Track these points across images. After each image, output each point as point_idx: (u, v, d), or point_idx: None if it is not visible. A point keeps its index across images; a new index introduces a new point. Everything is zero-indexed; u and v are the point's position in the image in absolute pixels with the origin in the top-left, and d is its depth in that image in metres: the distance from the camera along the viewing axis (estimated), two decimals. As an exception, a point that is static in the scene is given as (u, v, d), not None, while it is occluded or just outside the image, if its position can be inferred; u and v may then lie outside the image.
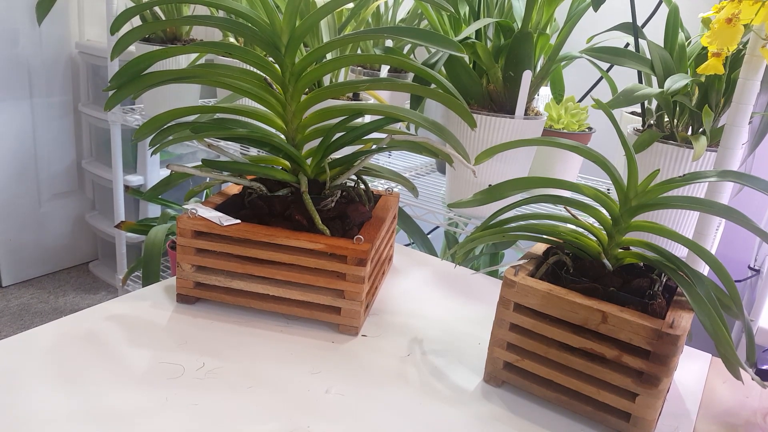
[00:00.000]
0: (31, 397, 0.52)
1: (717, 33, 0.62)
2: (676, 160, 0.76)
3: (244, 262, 0.65)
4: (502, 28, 0.90)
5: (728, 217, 0.54)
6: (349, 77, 1.00)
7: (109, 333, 0.62)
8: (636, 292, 0.56)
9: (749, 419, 0.60)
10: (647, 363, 0.51)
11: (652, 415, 0.53)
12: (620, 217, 0.57)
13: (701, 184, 0.74)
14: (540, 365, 0.56)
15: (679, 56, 0.79)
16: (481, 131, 0.88)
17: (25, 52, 1.90)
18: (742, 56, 0.64)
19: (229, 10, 0.60)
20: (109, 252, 2.16)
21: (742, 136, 0.63)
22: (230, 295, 0.67)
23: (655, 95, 0.75)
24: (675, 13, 0.80)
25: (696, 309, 0.52)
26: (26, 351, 0.58)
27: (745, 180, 0.55)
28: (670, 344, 0.50)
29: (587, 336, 0.54)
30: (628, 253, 0.59)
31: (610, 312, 0.52)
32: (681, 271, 0.55)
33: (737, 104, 0.62)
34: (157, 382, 0.55)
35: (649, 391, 0.52)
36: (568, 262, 0.60)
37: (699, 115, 0.76)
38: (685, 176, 0.56)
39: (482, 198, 0.61)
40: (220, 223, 0.64)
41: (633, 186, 0.56)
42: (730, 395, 0.63)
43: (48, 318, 1.91)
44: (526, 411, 0.57)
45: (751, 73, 0.61)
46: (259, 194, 0.68)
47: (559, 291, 0.54)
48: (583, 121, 1.02)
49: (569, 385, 0.55)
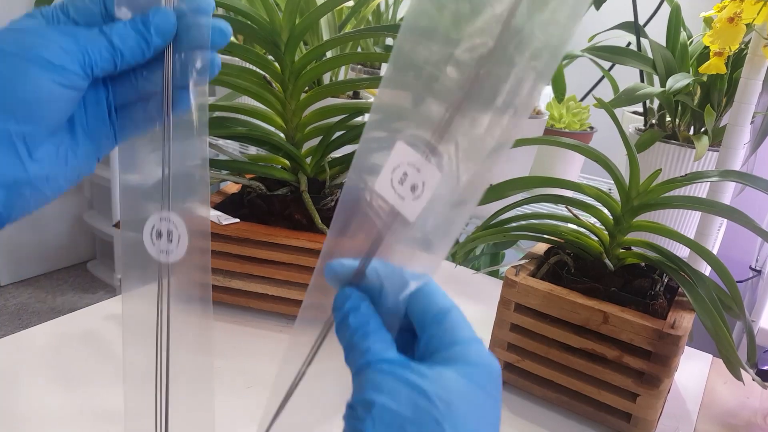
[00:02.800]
0: (29, 396, 0.52)
1: (719, 32, 0.62)
2: (678, 160, 0.76)
3: (243, 262, 0.64)
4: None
5: (730, 217, 0.54)
6: (349, 75, 1.00)
7: (107, 332, 0.61)
8: (637, 292, 0.55)
9: (750, 420, 0.60)
10: (648, 363, 0.51)
11: (653, 416, 0.52)
12: (622, 217, 0.56)
13: (703, 184, 0.74)
14: (541, 366, 0.56)
15: (681, 55, 0.79)
16: (482, 130, 0.87)
17: (23, 50, 1.89)
18: (744, 55, 0.64)
19: (228, 8, 0.59)
20: (107, 251, 2.16)
21: (744, 135, 0.62)
22: (229, 294, 0.66)
23: (656, 94, 0.75)
24: (677, 12, 0.80)
25: (697, 309, 0.52)
26: (24, 350, 0.57)
27: (747, 180, 0.54)
28: (671, 345, 0.50)
29: (588, 336, 0.53)
30: (629, 253, 0.59)
31: (612, 312, 0.52)
32: (682, 271, 0.55)
33: (739, 104, 0.61)
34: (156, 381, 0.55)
35: (650, 391, 0.51)
36: (570, 262, 0.59)
37: (701, 115, 0.76)
38: (687, 176, 0.56)
39: (483, 197, 0.61)
40: (219, 222, 0.63)
41: (635, 185, 0.55)
42: (730, 396, 0.63)
43: (46, 317, 1.91)
44: (526, 411, 0.57)
45: (753, 73, 0.61)
46: (258, 193, 0.68)
47: (560, 291, 0.54)
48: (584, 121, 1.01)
49: (570, 385, 0.55)
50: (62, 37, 0.29)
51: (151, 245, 0.33)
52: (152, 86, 0.32)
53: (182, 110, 0.32)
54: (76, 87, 0.29)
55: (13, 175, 0.28)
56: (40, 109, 0.28)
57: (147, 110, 0.32)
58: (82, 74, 0.29)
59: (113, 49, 0.29)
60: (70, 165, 0.31)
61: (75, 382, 0.54)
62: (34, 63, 0.28)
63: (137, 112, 0.32)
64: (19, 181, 0.28)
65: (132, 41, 0.30)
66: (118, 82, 0.32)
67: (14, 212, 0.29)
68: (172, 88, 0.31)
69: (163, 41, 0.30)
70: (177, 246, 0.33)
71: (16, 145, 0.28)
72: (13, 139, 0.28)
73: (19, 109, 0.27)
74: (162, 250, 0.33)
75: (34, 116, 0.28)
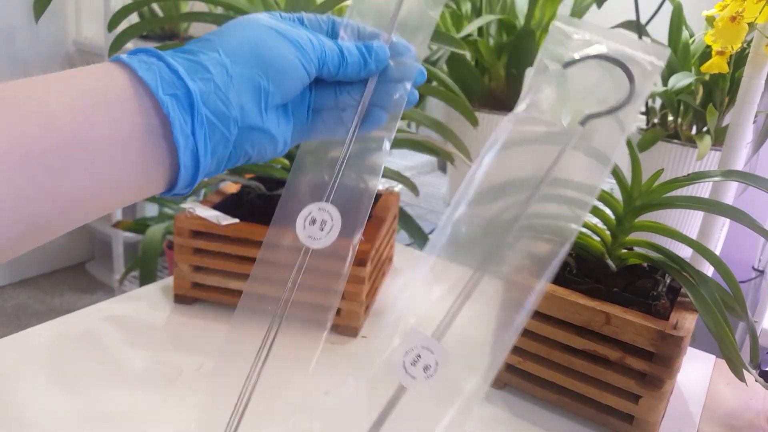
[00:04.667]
0: (27, 397, 0.51)
1: (721, 31, 0.61)
2: (680, 160, 0.76)
3: (242, 262, 0.64)
4: (504, 26, 0.90)
5: (733, 217, 0.53)
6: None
7: (105, 333, 0.61)
8: (640, 292, 0.55)
9: (753, 421, 0.60)
10: (651, 364, 0.50)
11: (656, 417, 0.52)
12: (624, 217, 0.56)
13: (705, 183, 0.74)
14: (542, 367, 0.56)
15: (683, 55, 0.79)
16: (483, 129, 0.87)
17: (22, 49, 1.89)
18: (746, 54, 0.64)
19: (227, 7, 0.59)
20: (106, 252, 2.15)
21: (746, 135, 0.62)
22: (228, 295, 0.66)
23: (659, 94, 0.75)
24: (679, 11, 0.79)
25: (700, 310, 0.52)
26: (22, 351, 0.57)
27: (750, 180, 0.54)
28: (673, 346, 0.49)
29: (590, 337, 0.53)
30: (631, 254, 0.58)
31: (614, 313, 0.51)
32: (685, 271, 0.54)
33: (742, 103, 0.61)
34: (155, 382, 0.54)
35: (653, 393, 0.51)
36: (572, 262, 0.59)
37: (703, 114, 0.76)
38: (690, 176, 0.55)
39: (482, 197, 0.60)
40: (218, 223, 0.63)
41: (637, 185, 0.55)
42: (733, 397, 0.63)
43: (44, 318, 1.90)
44: (528, 413, 0.56)
45: (755, 72, 0.61)
46: (257, 193, 0.68)
47: (562, 292, 0.54)
48: (584, 120, 1.01)
49: (572, 387, 0.55)
50: (311, 33, 0.36)
51: (302, 229, 0.36)
52: (351, 100, 0.38)
53: (371, 126, 0.39)
54: (309, 72, 0.36)
55: (250, 120, 0.34)
56: (282, 77, 0.35)
57: (341, 118, 0.39)
58: (317, 64, 0.36)
59: (342, 58, 0.37)
60: (286, 133, 0.37)
61: (74, 384, 0.53)
62: (291, 43, 0.35)
63: (330, 118, 0.39)
64: (252, 127, 0.34)
65: (356, 58, 0.37)
66: (322, 89, 0.39)
67: (235, 153, 0.35)
68: (369, 105, 0.38)
69: (376, 68, 0.38)
70: (326, 235, 0.36)
71: (260, 96, 0.34)
72: (260, 90, 0.34)
73: (271, 70, 0.34)
74: (311, 235, 0.36)
75: (277, 80, 0.34)
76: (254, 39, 0.34)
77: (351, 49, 0.37)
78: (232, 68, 0.33)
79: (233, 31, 0.34)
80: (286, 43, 0.34)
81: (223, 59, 0.33)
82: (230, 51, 0.33)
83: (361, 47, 0.37)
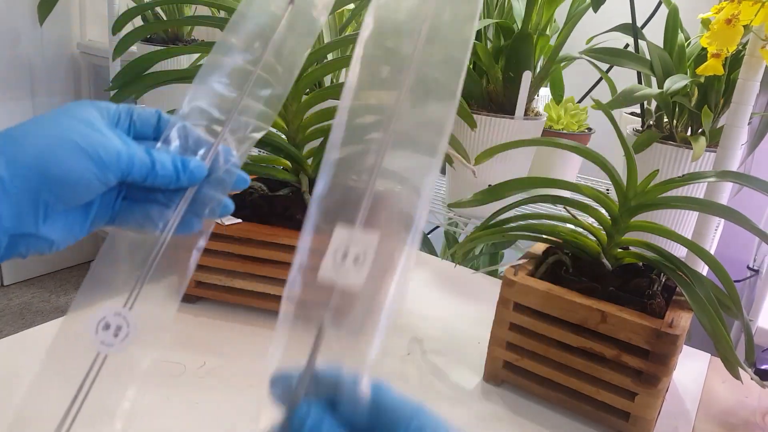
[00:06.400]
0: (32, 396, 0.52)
1: (716, 34, 0.62)
2: (676, 161, 0.77)
3: (245, 261, 0.65)
4: (502, 29, 0.90)
5: (727, 217, 0.54)
6: (350, 77, 1.00)
7: (110, 332, 0.62)
8: (635, 291, 0.56)
9: (748, 419, 0.60)
10: (646, 362, 0.51)
11: (652, 415, 0.53)
12: (619, 217, 0.57)
13: (700, 184, 0.74)
14: (539, 364, 0.56)
15: (679, 57, 0.80)
16: (481, 132, 0.88)
17: (26, 52, 1.90)
18: (741, 57, 0.64)
19: (230, 10, 0.60)
20: (110, 252, 2.16)
21: (741, 136, 0.63)
22: (231, 294, 0.67)
23: (654, 96, 0.75)
24: (674, 13, 0.80)
25: (695, 309, 0.52)
26: (27, 350, 0.58)
27: (744, 180, 0.55)
28: (669, 344, 0.50)
29: (586, 335, 0.54)
30: (627, 253, 0.59)
31: (610, 311, 0.52)
32: (680, 271, 0.55)
33: (737, 105, 0.62)
34: (159, 380, 0.55)
35: (649, 390, 0.52)
36: (568, 261, 0.60)
37: (698, 116, 0.76)
38: (685, 176, 0.56)
39: (482, 198, 0.61)
40: (221, 223, 0.64)
41: (632, 186, 0.56)
42: (729, 395, 0.63)
43: (49, 317, 1.91)
44: (525, 410, 0.57)
45: (750, 74, 0.61)
46: (260, 194, 0.69)
47: (559, 290, 0.55)
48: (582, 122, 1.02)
49: (569, 384, 0.55)
50: (122, 142, 0.35)
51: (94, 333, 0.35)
52: (164, 199, 0.37)
53: (183, 231, 0.37)
54: (106, 182, 0.34)
55: (25, 229, 0.33)
56: (70, 192, 0.33)
57: (149, 214, 0.37)
58: (119, 175, 0.34)
59: (152, 171, 0.35)
60: (71, 234, 0.36)
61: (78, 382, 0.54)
62: (90, 158, 0.33)
63: (139, 212, 0.37)
64: (26, 234, 0.33)
65: (168, 173, 0.35)
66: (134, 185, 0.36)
67: (7, 254, 0.33)
68: (185, 213, 0.36)
69: (189, 184, 0.36)
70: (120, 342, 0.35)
71: (39, 208, 0.33)
72: (39, 202, 0.33)
73: (56, 184, 0.33)
74: (103, 341, 0.35)
75: (63, 194, 0.33)
76: (45, 154, 0.32)
77: (165, 162, 0.35)
78: (10, 183, 0.32)
79: (31, 137, 0.33)
80: (83, 158, 0.33)
81: (1, 172, 0.32)
82: (15, 162, 0.32)
83: (177, 161, 0.36)
